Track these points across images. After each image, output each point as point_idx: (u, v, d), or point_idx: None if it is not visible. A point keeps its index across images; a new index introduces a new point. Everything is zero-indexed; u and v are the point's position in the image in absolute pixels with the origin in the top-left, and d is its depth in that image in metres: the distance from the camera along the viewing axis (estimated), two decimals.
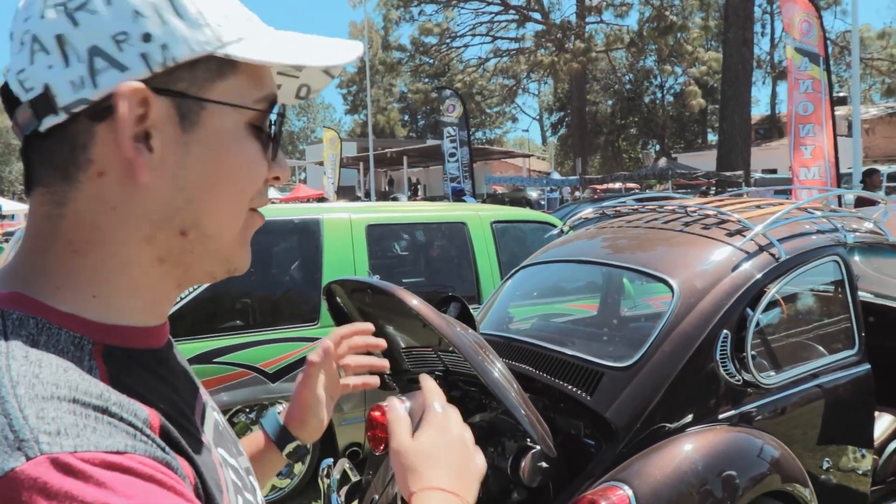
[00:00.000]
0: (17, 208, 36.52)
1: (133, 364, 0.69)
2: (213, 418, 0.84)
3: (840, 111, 11.40)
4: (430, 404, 1.01)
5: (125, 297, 0.71)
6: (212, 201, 0.72)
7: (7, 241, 19.79)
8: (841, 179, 11.82)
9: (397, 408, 1.01)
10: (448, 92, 22.10)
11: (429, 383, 1.05)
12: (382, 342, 1.24)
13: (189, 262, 0.74)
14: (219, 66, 0.71)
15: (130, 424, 0.60)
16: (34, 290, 0.68)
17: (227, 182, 0.72)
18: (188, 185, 0.70)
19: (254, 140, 0.74)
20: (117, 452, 0.57)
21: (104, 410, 0.59)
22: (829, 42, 11.69)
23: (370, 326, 1.29)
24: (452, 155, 20.28)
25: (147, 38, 0.67)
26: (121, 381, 0.65)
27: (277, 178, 0.79)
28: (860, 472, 3.24)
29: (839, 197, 8.88)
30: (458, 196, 13.33)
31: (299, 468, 4.69)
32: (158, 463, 0.59)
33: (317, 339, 4.56)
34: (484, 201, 19.08)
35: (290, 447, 1.16)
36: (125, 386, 0.65)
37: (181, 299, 4.23)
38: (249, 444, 1.14)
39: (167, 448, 0.62)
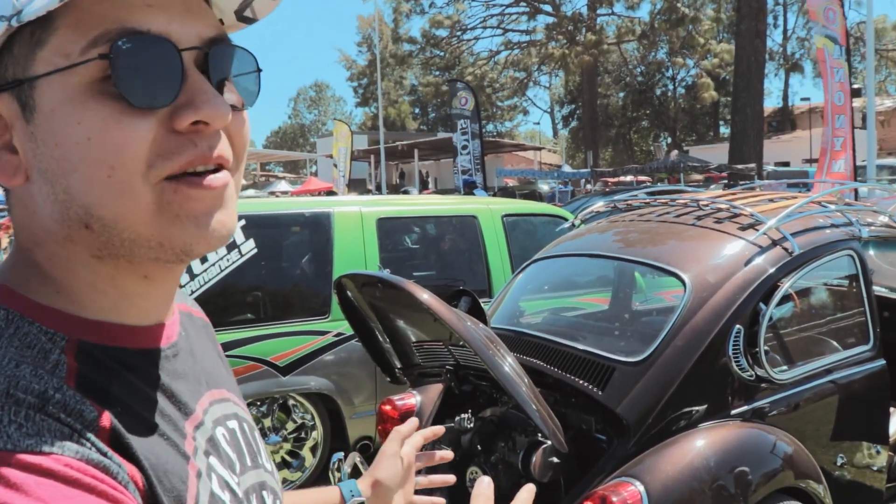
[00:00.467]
0: None
1: (111, 362, 0.67)
2: (213, 428, 0.77)
3: (855, 103, 11.26)
4: None
5: (88, 293, 0.68)
6: (85, 187, 0.62)
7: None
8: (856, 172, 11.73)
9: (483, 483, 0.99)
10: (460, 85, 22.07)
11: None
12: (449, 453, 1.21)
13: (124, 255, 0.66)
14: (32, 32, 0.62)
15: (68, 425, 0.57)
16: (15, 282, 0.67)
17: (83, 162, 0.61)
18: (55, 176, 0.63)
19: (100, 99, 0.61)
20: (40, 453, 0.54)
21: (40, 409, 0.57)
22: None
23: (439, 430, 1.26)
24: (465, 148, 20.25)
25: None
26: (90, 378, 0.63)
27: (204, 123, 0.64)
28: (875, 468, 3.22)
29: (855, 190, 8.82)
30: (469, 188, 13.30)
31: (310, 461, 4.70)
32: (92, 466, 0.56)
33: (328, 332, 4.57)
34: (495, 194, 19.04)
35: None
36: (92, 384, 0.63)
37: (192, 293, 4.24)
38: (321, 494, 1.14)
39: (110, 452, 0.59)
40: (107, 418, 0.61)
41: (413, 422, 1.14)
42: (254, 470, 0.81)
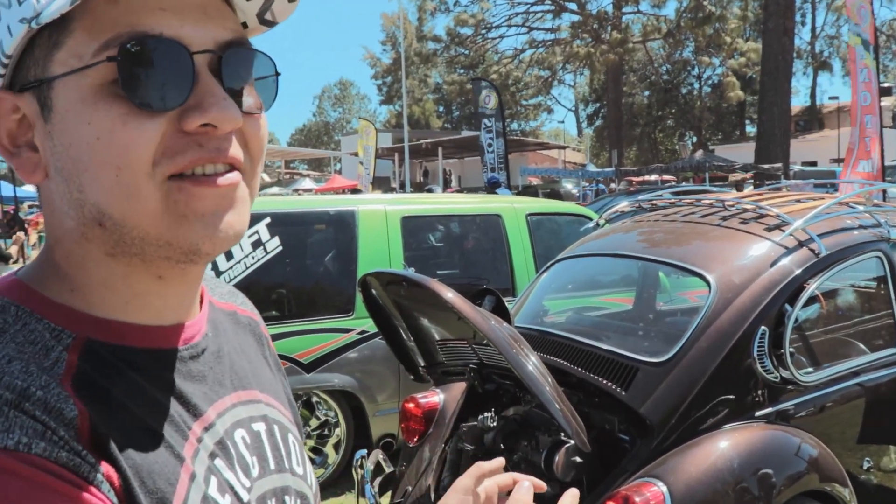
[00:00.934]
0: None
1: (116, 361, 0.68)
2: (232, 430, 0.76)
3: (884, 102, 11.13)
4: None
5: (101, 291, 0.70)
6: (95, 185, 0.64)
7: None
8: (885, 172, 11.57)
9: (522, 488, 0.94)
10: (484, 83, 22.05)
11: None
12: (543, 485, 1.00)
13: (136, 253, 0.67)
14: (50, 35, 0.64)
15: (42, 423, 0.58)
16: (34, 279, 0.70)
17: (93, 161, 0.63)
18: (70, 174, 0.65)
19: (110, 101, 0.63)
20: (3, 448, 0.55)
21: (16, 405, 0.58)
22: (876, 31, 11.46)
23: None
24: (489, 146, 20.25)
25: None
26: (88, 376, 0.65)
27: (212, 126, 0.65)
28: None
29: (884, 191, 8.70)
30: (492, 187, 13.26)
31: (333, 458, 4.73)
32: (59, 465, 0.58)
33: (351, 329, 4.59)
34: (518, 193, 19.01)
35: None
36: (89, 382, 0.64)
37: None
38: None
39: (84, 451, 0.60)
40: (88, 418, 0.61)
41: (499, 461, 1.00)
42: (278, 474, 0.80)
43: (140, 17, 0.63)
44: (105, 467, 0.61)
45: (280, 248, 4.59)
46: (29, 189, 31.05)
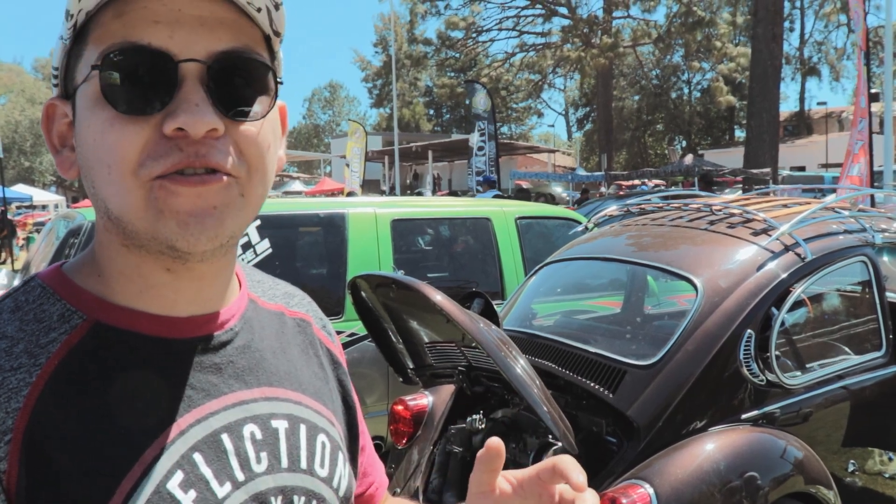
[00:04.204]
0: (49, 199, 37.03)
1: (119, 345, 0.73)
2: (239, 425, 0.76)
3: (872, 108, 11.20)
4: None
5: (118, 279, 0.76)
6: (97, 182, 0.71)
7: (38, 231, 20.08)
8: (873, 178, 11.65)
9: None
10: (477, 85, 22.05)
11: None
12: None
13: (140, 245, 0.73)
14: (78, 48, 0.73)
15: None
16: (71, 267, 0.79)
17: (92, 161, 0.71)
18: (86, 172, 0.73)
19: (102, 106, 0.69)
20: None
21: None
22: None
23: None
24: (481, 149, 20.23)
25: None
26: (80, 359, 0.71)
27: (182, 131, 0.68)
28: (887, 475, 3.21)
29: (872, 196, 8.76)
30: (487, 186, 13.12)
31: None
32: None
33: (341, 332, 4.59)
34: (508, 197, 19.00)
35: None
36: (78, 366, 0.70)
37: None
38: None
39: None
40: (24, 415, 0.66)
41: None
42: (289, 472, 0.80)
43: (135, 29, 0.68)
44: (9, 465, 0.65)
45: (270, 250, 4.59)
46: (17, 190, 30.89)
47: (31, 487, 0.65)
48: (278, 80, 0.76)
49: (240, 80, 0.72)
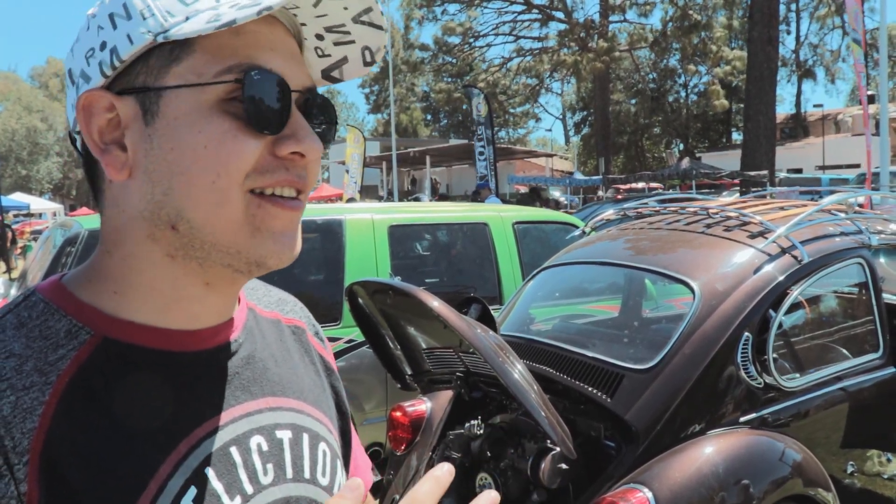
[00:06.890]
0: (46, 207, 37.01)
1: (128, 362, 0.72)
2: (246, 437, 0.77)
3: (869, 109, 11.23)
4: None
5: (143, 294, 0.75)
6: (186, 189, 0.70)
7: (35, 239, 20.05)
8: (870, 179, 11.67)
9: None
10: (475, 90, 22.08)
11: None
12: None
13: (198, 257, 0.73)
14: (171, 50, 0.71)
15: None
16: (72, 281, 0.76)
17: (194, 166, 0.70)
18: (161, 177, 0.71)
19: (222, 116, 0.70)
20: None
21: None
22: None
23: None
24: (481, 153, 20.27)
25: (103, 46, 0.72)
26: (89, 377, 0.69)
27: (300, 155, 0.73)
28: (886, 476, 3.21)
29: (869, 198, 8.79)
30: (481, 192, 13.15)
31: None
32: None
33: (339, 338, 4.59)
34: (505, 202, 18.99)
35: None
36: (87, 384, 0.69)
37: None
38: None
39: (20, 465, 0.64)
40: (40, 435, 0.65)
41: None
42: (294, 483, 0.81)
43: (256, 52, 0.72)
44: (29, 486, 0.64)
45: None
46: (14, 199, 30.86)
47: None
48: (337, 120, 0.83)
49: (320, 113, 0.79)
